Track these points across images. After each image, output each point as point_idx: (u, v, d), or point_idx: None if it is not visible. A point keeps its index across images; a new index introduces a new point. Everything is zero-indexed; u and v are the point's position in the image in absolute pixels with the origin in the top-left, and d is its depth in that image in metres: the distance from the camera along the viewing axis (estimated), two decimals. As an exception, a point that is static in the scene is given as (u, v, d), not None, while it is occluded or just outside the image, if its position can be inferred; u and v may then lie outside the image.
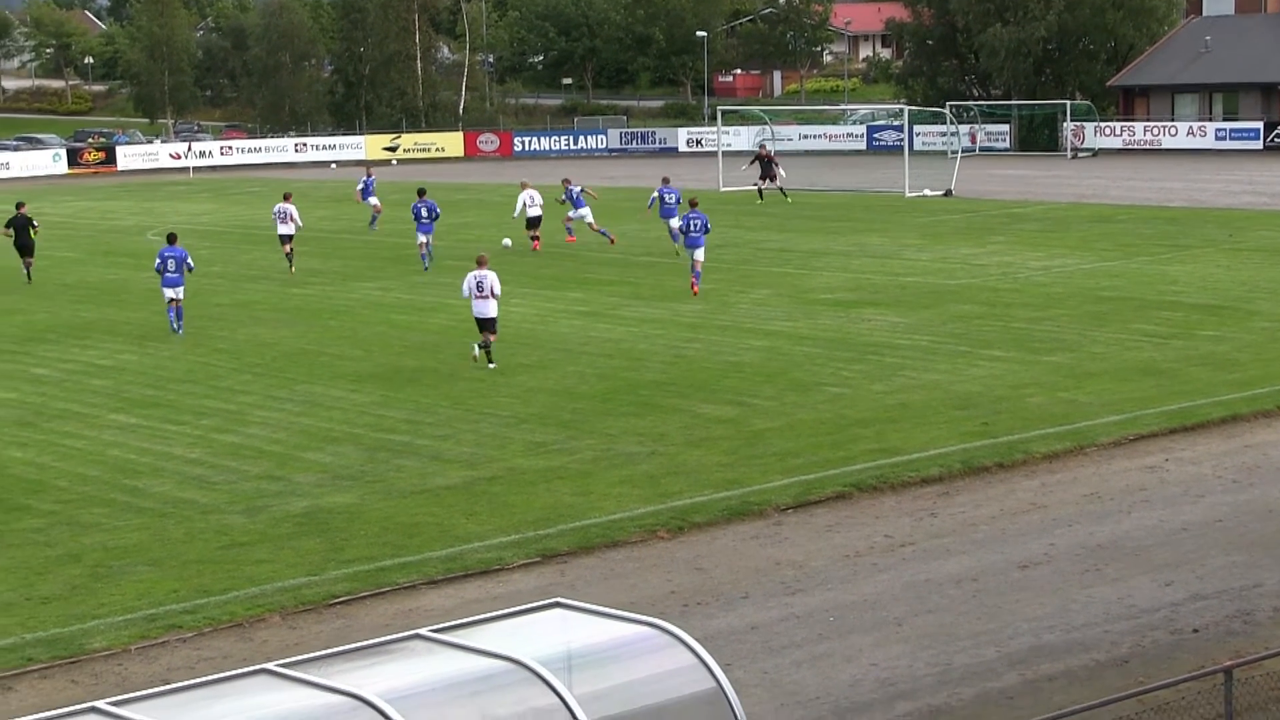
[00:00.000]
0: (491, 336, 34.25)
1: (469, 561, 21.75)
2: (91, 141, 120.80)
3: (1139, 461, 26.29)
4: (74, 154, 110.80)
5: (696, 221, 44.19)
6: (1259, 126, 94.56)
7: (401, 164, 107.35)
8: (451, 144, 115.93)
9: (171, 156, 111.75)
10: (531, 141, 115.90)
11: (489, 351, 34.27)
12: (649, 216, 56.13)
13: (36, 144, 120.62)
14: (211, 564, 21.91)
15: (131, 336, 39.85)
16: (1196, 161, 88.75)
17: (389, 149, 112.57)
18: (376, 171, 71.61)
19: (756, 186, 71.80)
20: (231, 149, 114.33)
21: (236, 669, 12.84)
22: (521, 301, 41.97)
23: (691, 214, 44.74)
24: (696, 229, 44.07)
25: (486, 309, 33.93)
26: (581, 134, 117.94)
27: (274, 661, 12.49)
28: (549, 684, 11.92)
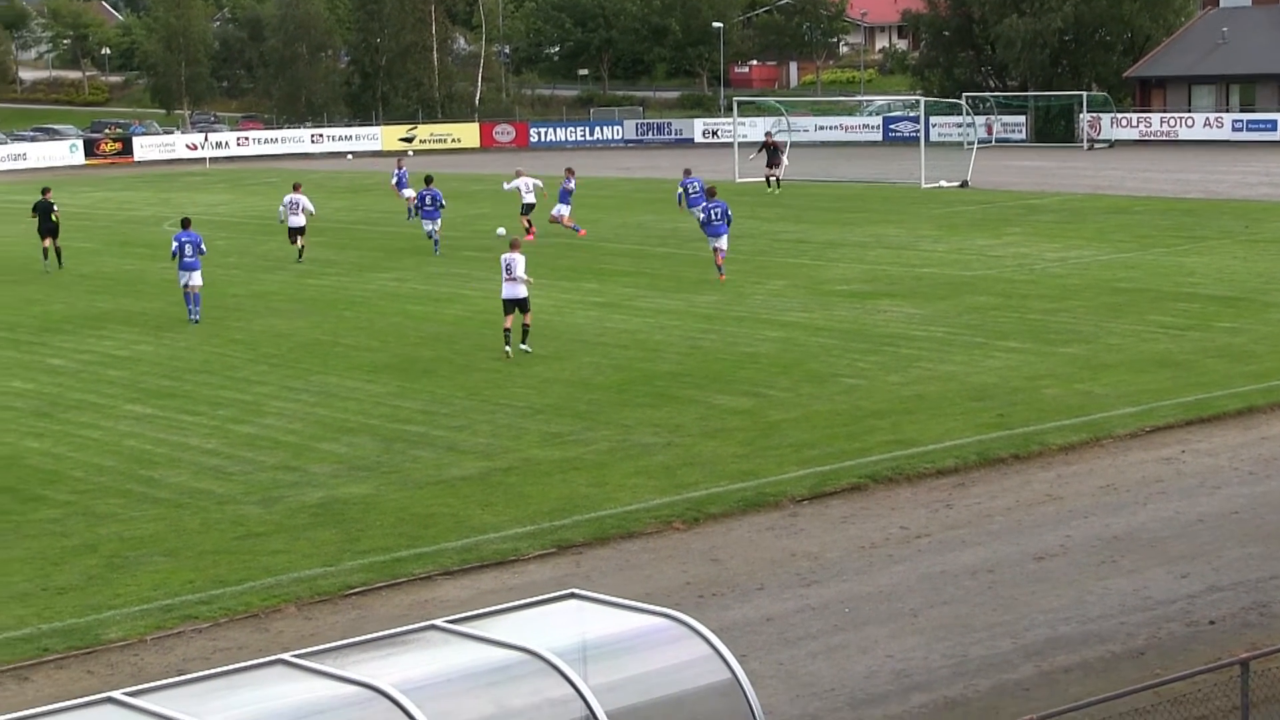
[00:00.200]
0: (526, 317, 34.77)
1: (484, 552, 21.76)
2: (108, 132, 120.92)
3: (1155, 453, 26.24)
4: (91, 145, 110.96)
5: (716, 210, 44.71)
6: (1276, 118, 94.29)
7: (418, 155, 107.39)
8: (467, 135, 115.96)
9: (188, 147, 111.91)
10: (547, 132, 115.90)
11: (525, 332, 34.74)
12: (681, 210, 56.36)
13: (54, 135, 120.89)
14: (227, 554, 21.94)
15: (148, 327, 39.90)
16: (1213, 153, 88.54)
17: (405, 140, 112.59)
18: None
19: (765, 176, 71.75)
20: (248, 140, 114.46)
21: (252, 659, 12.87)
22: (538, 292, 41.76)
23: (711, 203, 45.24)
24: (717, 217, 44.61)
25: (515, 290, 34.50)
26: (597, 125, 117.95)
27: (290, 652, 12.50)
28: (564, 675, 11.92)
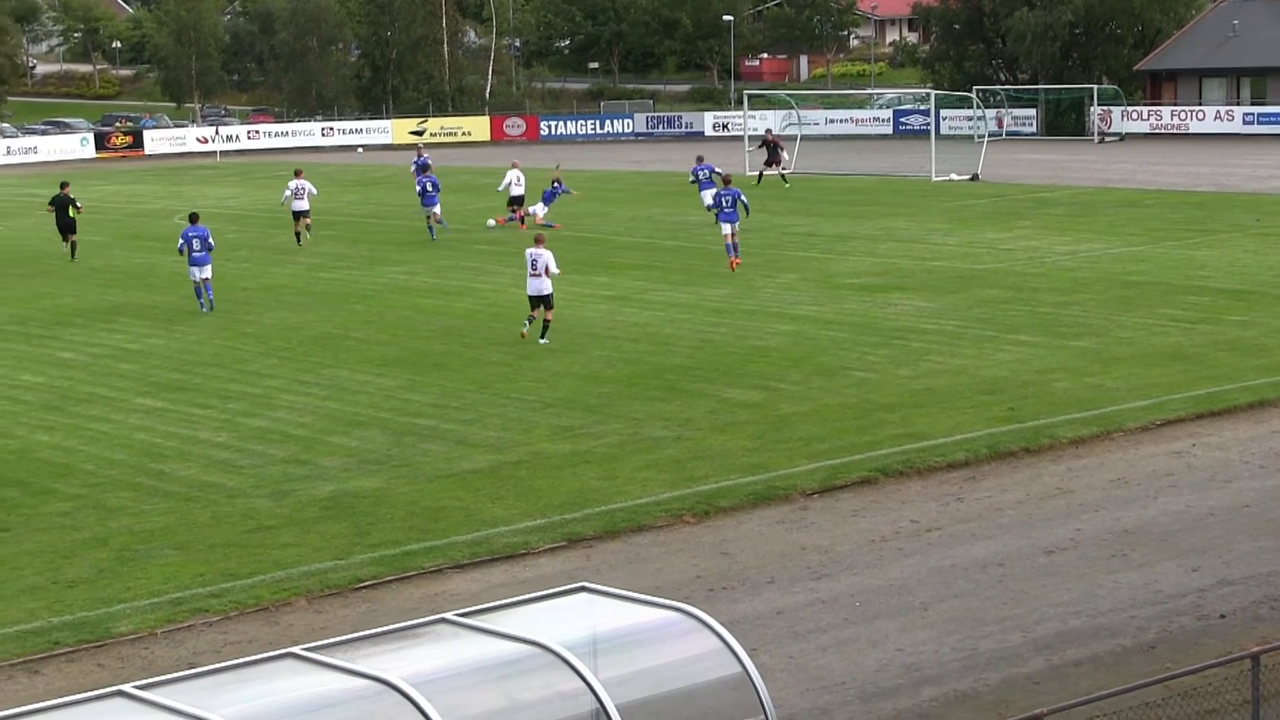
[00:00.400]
0: (548, 313, 35.06)
1: (495, 546, 21.77)
2: (119, 125, 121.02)
3: (1166, 447, 26.22)
4: (102, 138, 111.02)
5: (728, 198, 45.64)
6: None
7: (429, 148, 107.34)
8: (478, 128, 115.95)
9: (199, 140, 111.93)
10: (558, 126, 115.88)
11: (545, 327, 35.03)
12: (692, 192, 58.03)
13: (64, 128, 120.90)
14: (237, 548, 21.96)
15: (158, 320, 39.94)
16: (1224, 146, 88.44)
17: (415, 133, 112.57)
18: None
19: (760, 173, 71.63)
20: (258, 133, 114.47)
21: (262, 653, 12.88)
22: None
23: (724, 191, 46.22)
24: (729, 204, 45.50)
25: (540, 286, 34.81)
26: (608, 118, 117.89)
27: (300, 645, 12.51)
28: (574, 668, 11.93)
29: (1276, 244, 47.97)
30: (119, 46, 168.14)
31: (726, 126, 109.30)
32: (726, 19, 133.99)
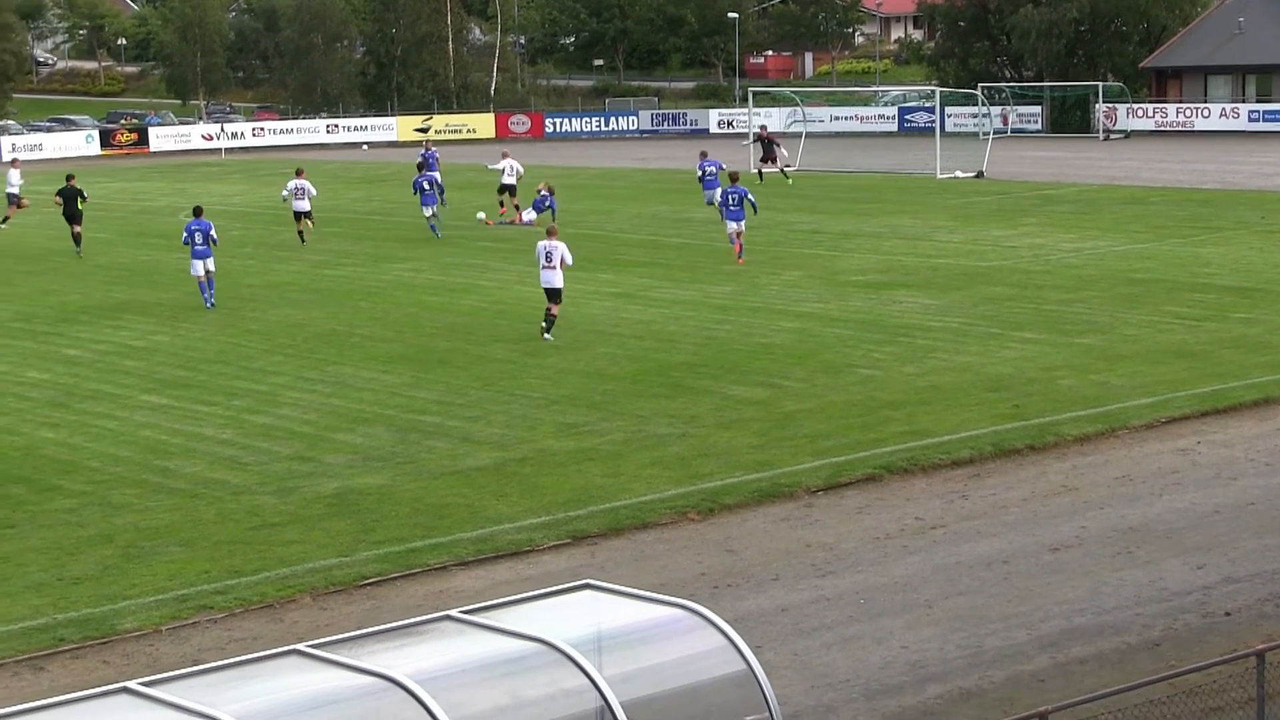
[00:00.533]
0: (554, 307, 35.10)
1: (499, 543, 21.77)
2: (124, 123, 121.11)
3: (1171, 444, 26.20)
4: (107, 135, 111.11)
5: (734, 195, 46.06)
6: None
7: (434, 145, 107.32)
8: (483, 125, 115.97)
9: (204, 138, 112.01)
10: (563, 123, 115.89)
11: (550, 323, 35.18)
12: (697, 189, 58.52)
13: (70, 125, 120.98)
14: (242, 545, 21.97)
15: (164, 317, 39.95)
16: (1229, 143, 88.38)
17: (420, 130, 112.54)
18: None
19: (758, 170, 71.58)
20: (263, 130, 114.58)
21: (267, 650, 12.88)
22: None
23: (730, 188, 46.44)
24: (734, 202, 45.95)
25: (552, 279, 35.00)
26: (613, 115, 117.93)
27: (305, 642, 12.51)
28: (579, 665, 11.93)
29: (1282, 241, 47.95)
30: (124, 43, 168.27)
31: (731, 124, 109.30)
32: (731, 16, 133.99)
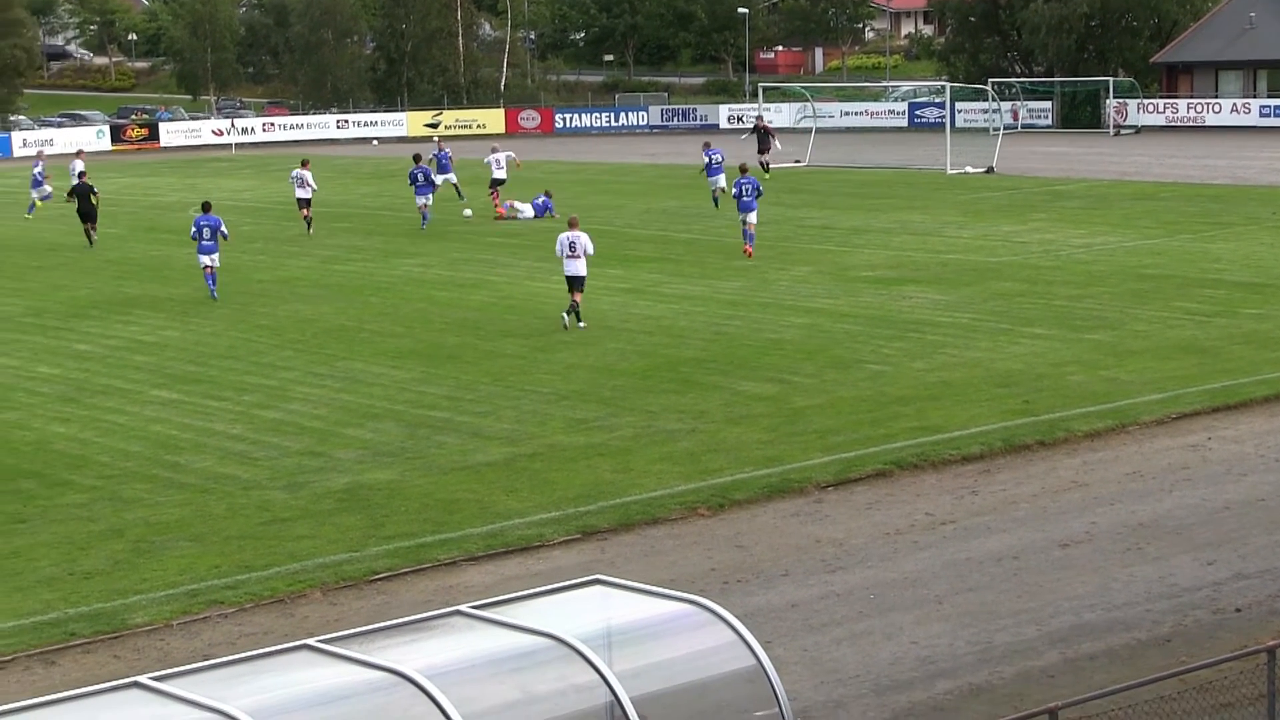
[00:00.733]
0: (578, 295, 35.57)
1: (509, 538, 21.78)
2: (135, 118, 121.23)
3: (1181, 440, 26.17)
4: (117, 130, 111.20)
5: (747, 186, 46.03)
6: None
7: (444, 140, 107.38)
8: (493, 120, 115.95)
9: (214, 133, 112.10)
10: (573, 118, 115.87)
11: (577, 312, 35.65)
12: (700, 179, 59.27)
13: (80, 120, 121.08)
14: (253, 540, 21.99)
15: (174, 312, 40.00)
16: (1240, 139, 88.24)
17: (430, 125, 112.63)
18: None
19: (761, 161, 71.44)
20: (274, 125, 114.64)
21: (277, 645, 12.90)
22: (562, 279, 41.91)
23: (742, 179, 46.48)
24: (748, 193, 45.89)
25: (577, 268, 35.60)
26: (623, 111, 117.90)
27: (315, 637, 12.53)
28: (589, 661, 11.93)
29: (1292, 237, 47.89)
30: (134, 39, 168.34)
31: (741, 119, 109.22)
32: (741, 12, 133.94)
